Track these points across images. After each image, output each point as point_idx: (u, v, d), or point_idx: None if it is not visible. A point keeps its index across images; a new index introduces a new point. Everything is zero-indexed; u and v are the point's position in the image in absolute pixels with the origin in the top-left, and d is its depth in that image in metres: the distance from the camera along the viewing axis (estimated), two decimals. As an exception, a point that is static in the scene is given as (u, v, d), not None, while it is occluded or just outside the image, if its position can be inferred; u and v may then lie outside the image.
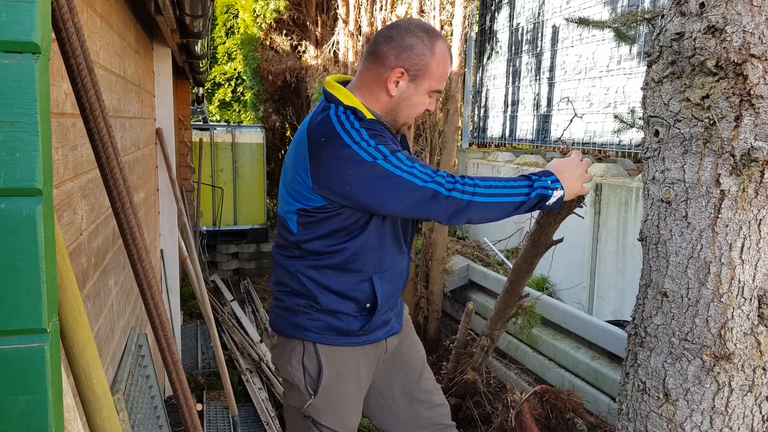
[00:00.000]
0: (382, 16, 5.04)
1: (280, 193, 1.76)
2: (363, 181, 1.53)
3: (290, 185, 1.67)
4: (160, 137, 3.60)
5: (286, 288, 1.75)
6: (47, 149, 0.79)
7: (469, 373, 3.09)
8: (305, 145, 1.60)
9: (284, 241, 1.75)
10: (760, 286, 1.49)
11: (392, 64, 1.61)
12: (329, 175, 1.55)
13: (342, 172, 1.54)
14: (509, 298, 2.59)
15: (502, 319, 2.75)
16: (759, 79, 1.41)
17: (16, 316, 0.77)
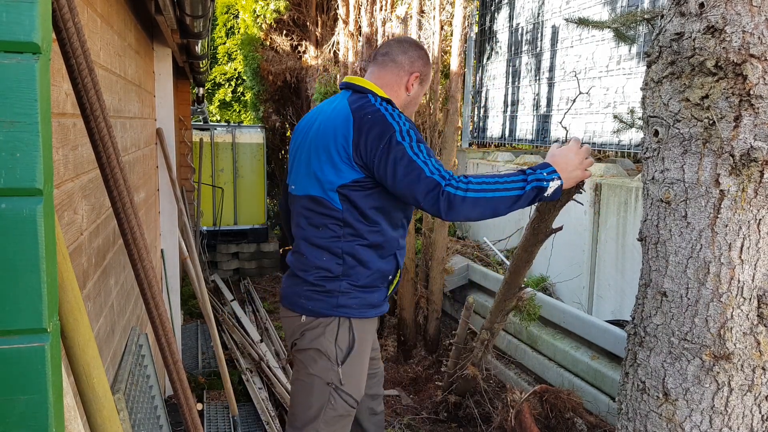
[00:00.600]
0: (382, 17, 5.04)
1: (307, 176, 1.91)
2: (387, 156, 1.76)
3: (326, 164, 1.85)
4: (160, 137, 3.61)
5: (326, 273, 1.88)
6: (48, 149, 0.79)
7: (469, 369, 3.09)
8: (350, 121, 1.82)
9: (324, 221, 1.87)
10: (760, 286, 1.49)
11: (410, 69, 1.99)
12: (368, 142, 1.78)
13: (379, 141, 1.77)
14: (509, 290, 2.59)
15: (502, 311, 2.74)
16: (758, 79, 1.41)
17: (16, 316, 0.77)
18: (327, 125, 1.89)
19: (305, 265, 1.91)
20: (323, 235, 1.88)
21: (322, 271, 1.88)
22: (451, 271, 4.29)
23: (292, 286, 1.95)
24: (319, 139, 1.89)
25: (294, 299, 1.93)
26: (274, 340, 4.82)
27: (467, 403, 3.40)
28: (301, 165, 1.96)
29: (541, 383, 3.19)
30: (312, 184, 1.89)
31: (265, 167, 7.77)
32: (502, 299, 2.66)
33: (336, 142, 1.83)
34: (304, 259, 1.91)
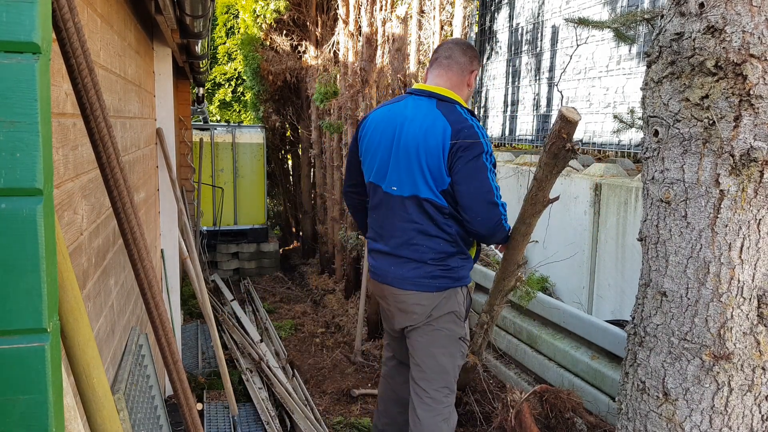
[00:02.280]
0: (382, 16, 5.04)
1: (410, 179, 2.22)
2: (471, 168, 2.11)
3: (432, 170, 2.17)
4: (160, 137, 3.61)
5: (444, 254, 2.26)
6: (48, 149, 0.79)
7: (469, 357, 3.09)
8: (447, 132, 2.13)
9: (436, 216, 2.23)
10: (760, 286, 1.49)
11: (470, 68, 2.29)
12: (460, 151, 2.11)
13: (470, 153, 2.11)
14: (507, 267, 2.59)
15: (501, 292, 2.74)
16: (758, 79, 1.41)
17: (16, 316, 0.77)
18: (425, 134, 2.18)
19: (422, 252, 2.26)
20: (437, 226, 2.23)
21: (441, 254, 2.25)
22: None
23: (411, 270, 2.28)
24: (420, 146, 2.18)
25: (419, 281, 2.28)
26: (274, 340, 4.82)
27: (467, 399, 3.40)
28: (400, 168, 2.24)
29: (541, 383, 3.19)
30: (419, 187, 2.21)
31: (265, 167, 7.77)
32: (501, 278, 2.66)
33: (438, 151, 2.14)
34: (421, 247, 2.26)
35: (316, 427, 3.30)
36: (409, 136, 2.20)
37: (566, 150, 1.97)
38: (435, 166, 2.15)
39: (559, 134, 1.96)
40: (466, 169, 2.10)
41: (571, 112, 1.96)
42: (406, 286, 2.30)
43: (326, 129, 6.34)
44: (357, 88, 5.34)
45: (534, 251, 4.59)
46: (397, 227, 2.28)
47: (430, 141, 2.15)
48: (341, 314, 5.57)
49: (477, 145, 2.10)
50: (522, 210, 2.29)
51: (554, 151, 2.04)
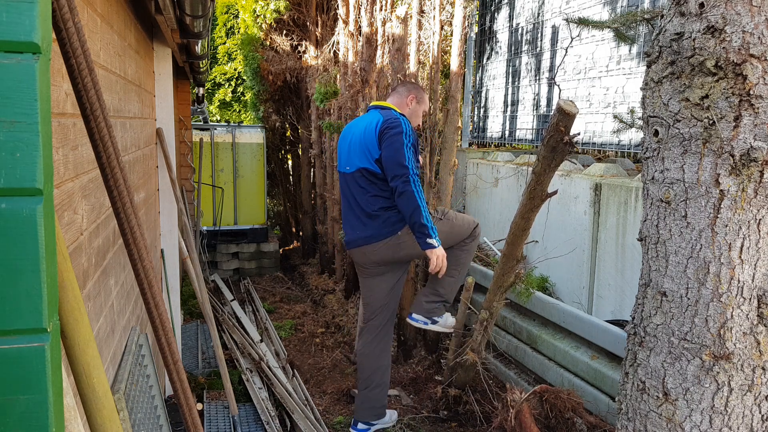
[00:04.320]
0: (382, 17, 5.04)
1: (354, 156, 3.17)
2: (392, 140, 2.99)
3: (369, 148, 3.09)
4: (160, 137, 3.61)
5: (390, 211, 3.12)
6: (48, 149, 0.79)
7: (469, 354, 3.09)
8: (378, 129, 3.05)
9: (376, 182, 3.10)
10: (760, 286, 1.49)
11: (407, 94, 3.34)
12: (387, 130, 3.03)
13: (392, 131, 3.02)
14: (507, 263, 2.59)
15: (500, 288, 2.74)
16: (758, 79, 1.41)
17: (16, 316, 0.77)
18: (365, 126, 3.14)
19: (379, 206, 3.18)
20: (382, 187, 3.09)
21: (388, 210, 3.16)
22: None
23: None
24: (363, 134, 3.13)
25: (376, 231, 3.16)
26: (274, 340, 4.82)
27: (467, 398, 3.40)
28: (352, 153, 3.19)
29: (541, 383, 3.19)
30: (362, 161, 3.11)
31: (265, 167, 7.77)
32: (501, 274, 2.66)
33: (372, 135, 3.07)
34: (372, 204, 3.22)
35: (316, 427, 3.30)
36: (357, 131, 3.19)
37: (564, 143, 1.97)
38: (371, 144, 3.06)
39: (557, 127, 1.96)
40: (388, 141, 2.99)
41: (569, 105, 1.96)
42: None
43: (326, 129, 6.34)
44: (357, 88, 5.35)
45: (534, 251, 4.59)
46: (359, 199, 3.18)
47: (368, 130, 3.10)
48: (341, 314, 5.57)
49: (398, 126, 3.01)
50: (521, 205, 2.29)
51: (552, 144, 2.04)
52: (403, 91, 3.34)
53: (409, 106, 3.30)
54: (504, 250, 2.56)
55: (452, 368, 3.33)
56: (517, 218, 2.35)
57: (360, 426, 3.36)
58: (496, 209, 5.12)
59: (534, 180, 2.15)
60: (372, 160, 3.07)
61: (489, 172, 5.27)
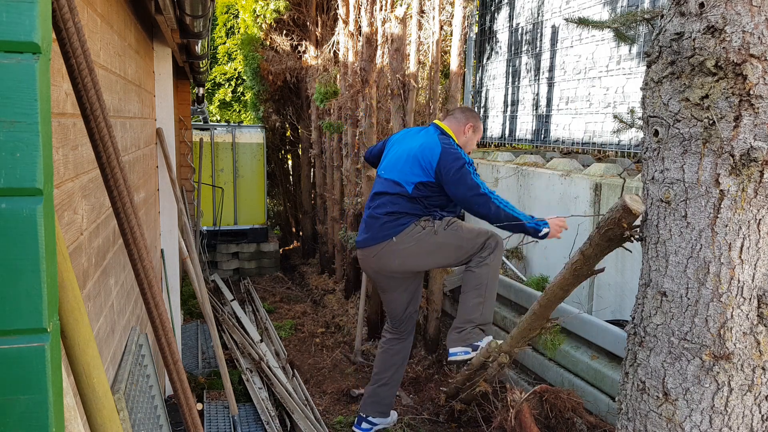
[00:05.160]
0: (382, 17, 5.04)
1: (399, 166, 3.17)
2: (465, 186, 2.97)
3: (411, 168, 3.11)
4: (160, 137, 3.61)
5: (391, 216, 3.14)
6: (48, 149, 0.79)
7: (482, 385, 3.08)
8: (437, 159, 3.03)
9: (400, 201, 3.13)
10: (760, 286, 1.49)
11: (465, 123, 3.27)
12: (445, 166, 3.00)
13: (462, 180, 2.99)
14: (536, 320, 2.57)
15: (524, 338, 2.74)
16: (758, 79, 1.41)
17: (16, 316, 0.77)
18: (421, 145, 3.13)
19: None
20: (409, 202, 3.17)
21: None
22: (451, 271, 4.29)
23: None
24: (413, 149, 3.14)
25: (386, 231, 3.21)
26: (274, 340, 4.82)
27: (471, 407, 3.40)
28: (402, 160, 3.18)
29: (541, 383, 3.19)
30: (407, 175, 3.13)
31: (265, 167, 7.76)
32: (527, 328, 2.65)
33: (428, 160, 3.06)
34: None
35: (316, 427, 3.30)
36: (413, 145, 3.17)
37: (624, 237, 1.90)
38: (418, 166, 3.06)
39: (618, 222, 1.88)
40: (455, 178, 2.97)
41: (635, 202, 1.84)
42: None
43: (326, 129, 6.33)
44: (357, 88, 5.35)
45: (534, 251, 4.59)
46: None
47: (425, 149, 3.08)
48: (341, 314, 5.57)
49: (459, 159, 3.00)
50: (562, 278, 2.25)
51: (609, 236, 1.96)
52: (461, 117, 3.28)
53: (465, 134, 3.27)
54: (536, 308, 2.53)
55: (459, 388, 3.32)
56: (555, 288, 2.31)
57: (364, 426, 3.37)
58: (496, 209, 5.10)
59: (581, 260, 2.09)
60: (411, 181, 3.08)
61: (489, 172, 5.27)
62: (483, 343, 3.07)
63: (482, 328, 3.15)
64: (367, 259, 3.24)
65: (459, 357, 3.14)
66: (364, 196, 4.93)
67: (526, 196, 4.73)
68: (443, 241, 3.10)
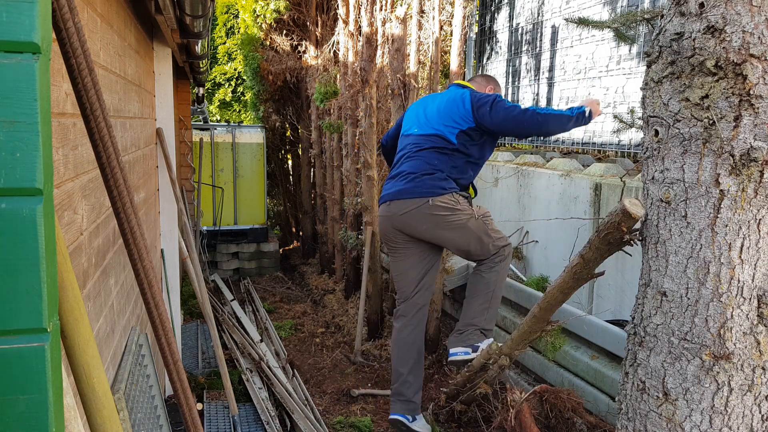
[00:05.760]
0: (382, 17, 5.04)
1: (433, 121, 3.13)
2: (503, 110, 2.99)
3: (443, 118, 3.09)
4: (160, 137, 3.61)
5: (433, 176, 3.05)
6: (48, 149, 0.79)
7: (482, 386, 3.08)
8: (470, 101, 3.03)
9: (446, 152, 3.06)
10: (760, 286, 1.49)
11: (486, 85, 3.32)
12: (479, 105, 3.01)
13: (498, 106, 2.99)
14: (536, 323, 2.57)
15: (525, 341, 2.74)
16: (758, 79, 1.41)
17: (16, 316, 0.77)
18: (448, 99, 3.12)
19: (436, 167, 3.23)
20: (441, 152, 3.11)
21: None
22: (451, 271, 4.29)
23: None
24: (441, 104, 3.13)
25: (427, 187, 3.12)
26: (274, 340, 4.82)
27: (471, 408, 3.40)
28: (433, 114, 3.15)
29: (541, 383, 3.19)
30: (440, 125, 3.08)
31: (265, 167, 7.76)
32: (528, 331, 2.65)
33: (457, 106, 3.06)
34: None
35: (316, 427, 3.30)
36: (439, 100, 3.17)
37: (624, 241, 1.90)
38: (457, 114, 3.03)
39: (618, 227, 1.88)
40: (495, 109, 2.95)
41: (634, 206, 1.84)
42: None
43: (326, 129, 6.33)
44: (357, 88, 5.34)
45: (534, 251, 4.59)
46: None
47: (455, 100, 3.07)
48: (341, 314, 5.57)
49: (491, 96, 3.02)
50: (562, 281, 2.25)
51: (609, 240, 1.96)
52: (482, 81, 3.32)
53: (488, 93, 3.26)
54: (536, 312, 2.52)
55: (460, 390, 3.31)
56: (555, 291, 2.31)
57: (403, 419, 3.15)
58: (496, 209, 5.11)
59: (581, 264, 2.09)
60: (455, 130, 3.01)
61: (489, 172, 5.27)
62: (483, 345, 3.05)
63: (484, 332, 3.13)
64: (393, 216, 3.09)
65: (459, 357, 3.11)
66: (364, 196, 4.93)
67: (526, 196, 4.73)
68: (473, 227, 3.05)
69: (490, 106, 2.96)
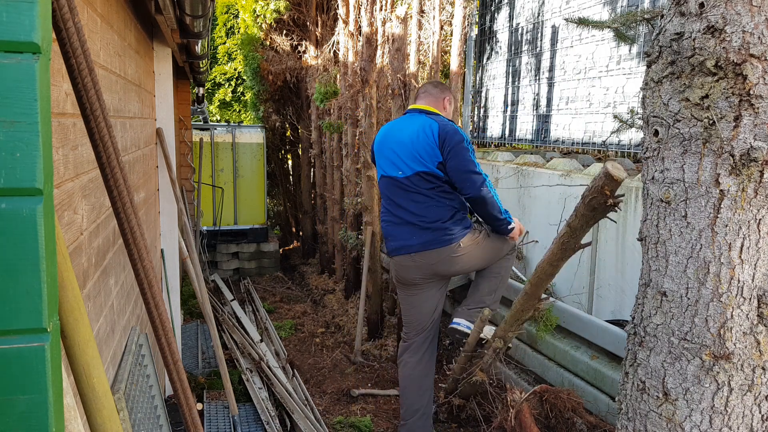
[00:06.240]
0: (382, 16, 5.04)
1: (407, 160, 3.03)
2: (461, 160, 2.94)
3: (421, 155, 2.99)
4: (160, 137, 3.61)
5: (449, 222, 3.04)
6: (48, 149, 0.79)
7: (478, 374, 3.08)
8: (437, 135, 2.95)
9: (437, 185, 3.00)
10: (760, 286, 1.49)
11: (442, 96, 3.19)
12: (447, 139, 2.95)
13: (459, 155, 2.94)
14: (528, 301, 2.57)
15: (518, 321, 2.73)
16: (758, 79, 1.41)
17: (16, 316, 0.77)
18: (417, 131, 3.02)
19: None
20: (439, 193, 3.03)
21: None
22: (451, 271, 4.28)
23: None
24: (410, 138, 3.03)
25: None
26: (274, 340, 4.82)
27: (470, 405, 3.39)
28: (403, 157, 3.04)
29: (541, 383, 3.19)
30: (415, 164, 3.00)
31: (265, 167, 7.77)
32: (520, 309, 2.65)
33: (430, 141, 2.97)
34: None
35: (316, 427, 3.30)
36: (406, 135, 3.05)
37: (608, 205, 1.91)
38: (430, 149, 2.96)
39: (601, 190, 1.89)
40: (454, 152, 2.92)
41: (616, 169, 1.88)
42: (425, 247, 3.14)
43: (326, 129, 6.33)
44: (357, 88, 5.34)
45: (534, 251, 4.59)
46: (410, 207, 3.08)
47: (422, 134, 2.98)
48: (341, 314, 5.57)
49: (457, 134, 2.95)
50: (550, 252, 2.26)
51: (594, 205, 1.98)
52: (436, 92, 3.19)
53: (446, 108, 3.19)
54: (527, 288, 2.53)
55: (457, 380, 3.32)
56: (544, 264, 2.32)
57: None
58: (496, 209, 5.11)
59: (568, 233, 2.10)
60: (435, 163, 2.96)
61: (489, 172, 5.27)
62: (486, 332, 3.15)
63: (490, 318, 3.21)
64: (422, 266, 3.05)
65: (461, 328, 3.21)
66: (364, 196, 4.93)
67: (526, 196, 4.73)
68: (493, 243, 3.12)
69: (455, 146, 2.91)
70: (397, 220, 3.08)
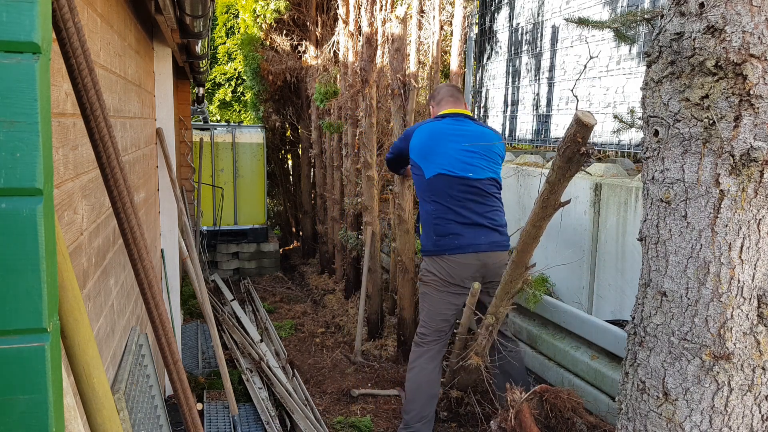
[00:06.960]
0: (382, 16, 5.04)
1: (477, 162, 3.21)
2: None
3: (494, 161, 3.28)
4: (160, 137, 3.61)
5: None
6: (48, 149, 0.79)
7: (473, 358, 3.08)
8: (502, 148, 3.33)
9: (497, 193, 3.27)
10: (760, 286, 1.49)
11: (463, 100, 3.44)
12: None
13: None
14: (516, 269, 2.56)
15: (507, 294, 2.72)
16: (758, 79, 1.41)
17: (16, 316, 0.77)
18: (483, 136, 3.27)
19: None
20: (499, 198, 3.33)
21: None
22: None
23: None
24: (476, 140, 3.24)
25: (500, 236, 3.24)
26: (274, 340, 4.82)
27: (468, 399, 3.39)
28: (474, 159, 3.21)
29: (541, 383, 3.19)
30: (488, 169, 3.21)
31: (265, 167, 7.76)
32: (509, 280, 2.64)
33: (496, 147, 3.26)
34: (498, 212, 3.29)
35: (316, 427, 3.30)
36: (471, 136, 3.24)
37: (581, 154, 1.94)
38: (494, 155, 3.23)
39: (574, 138, 1.92)
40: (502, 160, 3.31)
41: (587, 116, 1.92)
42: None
43: (326, 129, 6.33)
44: (357, 88, 5.34)
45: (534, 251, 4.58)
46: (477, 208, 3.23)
47: (487, 138, 3.23)
48: (341, 314, 5.57)
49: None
50: (532, 213, 2.27)
51: (568, 155, 2.00)
52: (461, 97, 3.43)
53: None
54: (513, 257, 2.54)
55: (455, 371, 3.33)
56: (528, 226, 2.33)
57: None
58: (496, 209, 5.11)
59: (548, 189, 2.12)
60: (498, 171, 3.25)
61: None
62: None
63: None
64: (486, 265, 3.17)
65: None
66: (364, 196, 4.93)
67: (526, 196, 4.73)
68: None
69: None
70: (466, 220, 3.16)
